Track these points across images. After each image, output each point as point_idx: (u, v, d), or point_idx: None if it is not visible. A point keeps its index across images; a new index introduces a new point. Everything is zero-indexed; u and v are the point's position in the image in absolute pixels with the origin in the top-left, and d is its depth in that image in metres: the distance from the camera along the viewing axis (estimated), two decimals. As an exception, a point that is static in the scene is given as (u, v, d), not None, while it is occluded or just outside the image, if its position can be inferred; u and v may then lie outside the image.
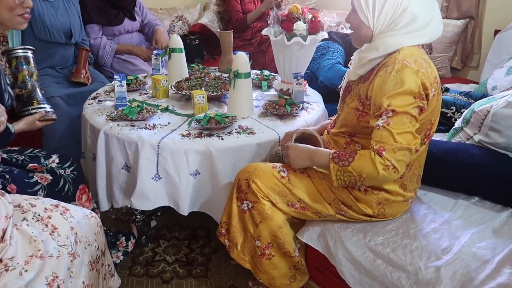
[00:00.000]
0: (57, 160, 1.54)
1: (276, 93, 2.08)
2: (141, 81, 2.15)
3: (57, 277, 1.13)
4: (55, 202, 1.29)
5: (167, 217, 2.08)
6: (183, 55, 2.15)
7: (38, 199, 1.28)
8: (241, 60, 1.75)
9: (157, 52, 2.27)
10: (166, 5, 3.46)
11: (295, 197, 1.44)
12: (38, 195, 1.43)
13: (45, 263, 1.12)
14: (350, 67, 1.45)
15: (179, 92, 1.94)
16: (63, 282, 1.14)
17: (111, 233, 1.73)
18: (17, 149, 1.52)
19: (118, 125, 1.71)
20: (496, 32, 2.73)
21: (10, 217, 1.12)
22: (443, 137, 1.79)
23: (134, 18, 2.84)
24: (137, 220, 1.87)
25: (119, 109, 1.78)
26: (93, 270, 1.30)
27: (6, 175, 1.35)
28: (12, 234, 1.10)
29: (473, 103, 1.81)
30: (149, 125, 1.71)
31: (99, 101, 1.97)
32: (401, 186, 1.40)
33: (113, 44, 2.74)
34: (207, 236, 2.03)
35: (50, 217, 1.20)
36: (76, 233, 1.23)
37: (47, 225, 1.18)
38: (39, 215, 1.19)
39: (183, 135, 1.64)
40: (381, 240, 1.35)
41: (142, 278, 1.80)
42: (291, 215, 1.48)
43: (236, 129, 1.69)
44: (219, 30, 3.40)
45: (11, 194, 1.30)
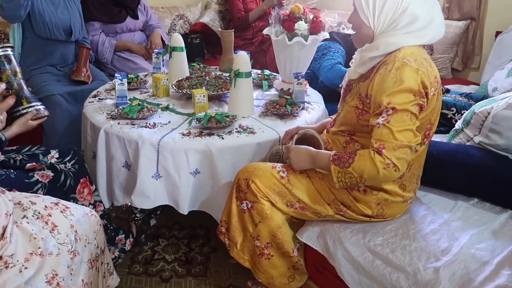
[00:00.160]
0: (57, 155, 1.52)
1: (276, 92, 2.08)
2: (141, 79, 2.15)
3: (56, 274, 1.13)
4: (55, 200, 1.29)
5: (167, 216, 2.08)
6: (184, 54, 2.15)
7: (38, 196, 1.28)
8: (242, 59, 1.75)
9: (158, 50, 2.27)
10: (167, 3, 3.46)
11: (295, 197, 1.44)
12: (35, 187, 1.43)
13: (44, 261, 1.12)
14: (351, 66, 1.45)
15: (180, 91, 1.94)
16: (63, 279, 1.15)
17: (111, 227, 1.72)
18: (15, 148, 1.50)
19: (118, 123, 1.71)
20: (497, 33, 2.73)
21: (10, 215, 1.12)
22: (443, 138, 1.80)
23: (136, 16, 2.84)
24: (136, 218, 1.87)
25: (120, 107, 1.78)
26: (92, 268, 1.30)
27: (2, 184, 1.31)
28: (12, 231, 1.10)
29: (474, 104, 1.81)
30: (150, 124, 1.71)
31: (99, 99, 1.97)
32: (401, 186, 1.40)
33: (112, 40, 2.74)
34: (206, 235, 2.03)
35: (50, 215, 1.20)
36: (76, 231, 1.23)
37: (47, 223, 1.18)
38: (39, 213, 1.19)
39: (184, 134, 1.64)
40: (381, 240, 1.35)
41: (141, 276, 1.80)
42: (291, 215, 1.48)
43: (236, 129, 1.69)
44: (220, 29, 3.40)
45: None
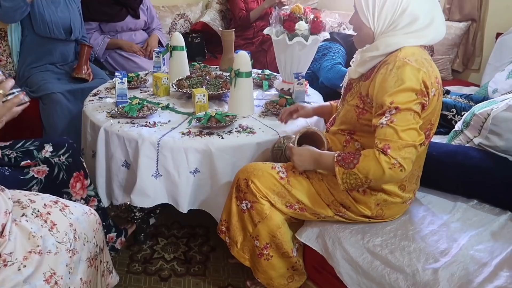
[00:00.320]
0: (51, 148, 1.50)
1: (277, 92, 2.08)
2: (142, 78, 2.15)
3: (55, 273, 1.13)
4: (55, 198, 1.29)
5: (166, 215, 2.08)
6: (185, 53, 2.15)
7: (37, 195, 1.28)
8: (243, 59, 1.75)
9: (158, 49, 2.27)
10: (168, 2, 3.46)
11: (294, 198, 1.44)
12: (32, 190, 1.42)
13: (43, 259, 1.12)
14: (351, 65, 1.45)
15: (180, 90, 1.94)
16: (61, 278, 1.14)
17: (103, 224, 1.68)
18: (8, 144, 1.48)
19: (118, 122, 1.71)
20: (498, 35, 2.73)
21: (9, 213, 1.12)
22: (443, 140, 1.79)
23: (138, 16, 2.85)
24: (136, 217, 1.87)
25: (120, 106, 1.78)
26: (91, 266, 1.30)
27: None
28: (11, 229, 1.10)
29: (474, 105, 1.81)
30: (150, 123, 1.71)
31: (99, 98, 1.97)
32: (400, 187, 1.40)
33: (106, 38, 2.75)
34: (205, 234, 2.03)
35: (49, 213, 1.20)
36: (75, 230, 1.23)
37: (46, 221, 1.18)
38: (39, 211, 1.19)
39: (183, 133, 1.64)
40: (380, 241, 1.35)
41: (140, 275, 1.80)
42: (290, 215, 1.48)
43: (236, 128, 1.69)
44: (221, 28, 3.40)
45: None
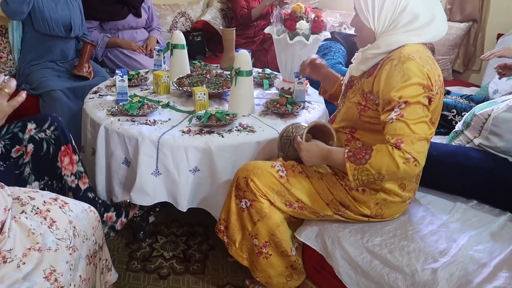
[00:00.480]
0: (34, 125, 1.47)
1: (277, 91, 2.08)
2: (142, 76, 2.15)
3: (54, 270, 1.13)
4: (54, 195, 1.29)
5: (166, 213, 2.08)
6: (185, 51, 2.15)
7: (37, 192, 1.28)
8: (243, 58, 1.75)
9: (159, 48, 2.27)
10: (169, 1, 3.46)
11: (293, 197, 1.44)
12: (25, 173, 1.41)
13: (43, 256, 1.12)
14: (353, 62, 1.45)
15: (180, 88, 1.94)
16: (61, 275, 1.15)
17: (100, 201, 1.64)
18: None
19: (118, 120, 1.71)
20: (499, 36, 2.73)
21: (9, 210, 1.12)
22: (443, 140, 1.79)
23: (139, 15, 2.84)
24: (135, 215, 1.87)
25: (120, 104, 1.78)
26: (90, 264, 1.30)
27: None
28: (10, 226, 1.10)
29: (474, 106, 1.81)
30: (150, 121, 1.71)
31: (100, 95, 1.97)
32: (400, 185, 1.40)
33: (105, 37, 2.75)
34: (205, 233, 2.03)
35: (49, 210, 1.20)
36: (74, 227, 1.23)
37: (45, 218, 1.18)
38: (38, 208, 1.19)
39: (184, 132, 1.64)
40: (379, 241, 1.35)
41: (139, 273, 1.80)
42: (289, 214, 1.48)
43: (236, 127, 1.69)
44: (221, 27, 3.40)
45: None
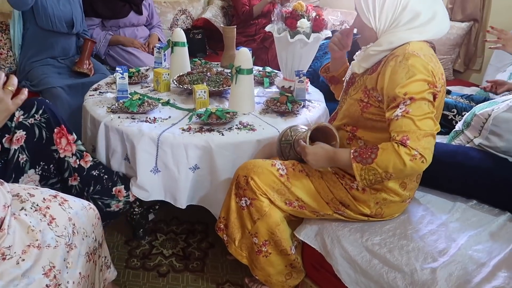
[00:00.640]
0: (21, 112, 1.45)
1: (277, 90, 2.08)
2: (143, 74, 2.15)
3: (53, 267, 1.13)
4: (54, 192, 1.29)
5: (165, 210, 2.08)
6: (186, 49, 2.14)
7: (37, 189, 1.28)
8: (244, 56, 1.74)
9: (159, 45, 2.27)
10: (170, -2, 3.45)
11: (293, 195, 1.44)
12: (20, 160, 1.40)
13: (42, 253, 1.12)
14: (354, 59, 1.45)
15: (181, 86, 1.94)
16: (60, 272, 1.15)
17: (105, 177, 1.61)
18: None
19: (118, 117, 1.71)
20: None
21: (8, 206, 1.12)
22: (443, 140, 1.79)
23: (140, 12, 2.84)
24: (135, 212, 1.87)
25: (120, 101, 1.78)
26: (89, 261, 1.30)
27: None
28: (10, 223, 1.10)
29: (475, 106, 1.81)
30: (150, 118, 1.70)
31: (100, 92, 1.97)
32: (401, 184, 1.39)
33: (108, 35, 2.74)
34: (204, 230, 2.04)
35: (48, 207, 1.20)
36: (74, 224, 1.23)
37: (45, 215, 1.18)
38: (38, 205, 1.19)
39: (184, 130, 1.64)
40: (378, 240, 1.35)
41: (138, 270, 1.80)
42: (289, 213, 1.48)
43: (236, 125, 1.69)
44: (222, 25, 3.39)
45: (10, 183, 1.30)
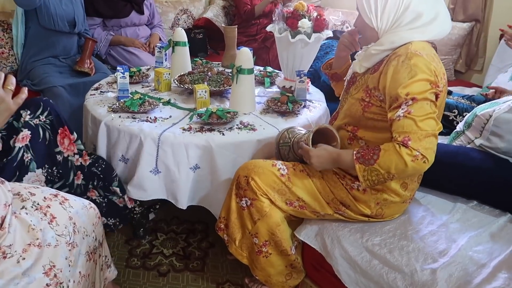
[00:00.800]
0: (28, 112, 1.47)
1: (278, 90, 2.08)
2: (143, 73, 2.15)
3: (54, 266, 1.14)
4: (54, 191, 1.29)
5: (166, 210, 2.08)
6: (187, 49, 2.14)
7: (37, 188, 1.28)
8: (245, 55, 1.74)
9: (160, 45, 2.27)
10: (171, -2, 3.45)
11: (294, 195, 1.44)
12: (25, 159, 1.42)
13: (42, 252, 1.12)
14: (355, 58, 1.45)
15: (182, 85, 1.94)
16: (60, 271, 1.15)
17: (102, 175, 1.63)
18: None
19: (119, 116, 1.71)
20: (501, 36, 2.71)
21: (9, 205, 1.12)
22: (444, 140, 1.79)
23: (142, 11, 2.85)
24: (135, 212, 1.87)
25: (121, 100, 1.78)
26: (90, 260, 1.30)
27: None
28: (11, 222, 1.10)
29: (476, 106, 1.81)
30: (151, 118, 1.71)
31: (101, 92, 1.97)
32: (402, 184, 1.39)
33: (109, 35, 2.75)
34: (204, 230, 2.04)
35: (49, 206, 1.20)
36: (74, 223, 1.23)
37: (46, 214, 1.18)
38: (38, 204, 1.19)
39: (184, 129, 1.64)
40: (378, 240, 1.35)
41: (138, 270, 1.80)
42: (289, 213, 1.48)
43: (237, 125, 1.69)
44: (223, 25, 3.39)
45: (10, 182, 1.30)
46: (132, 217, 1.90)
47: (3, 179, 1.19)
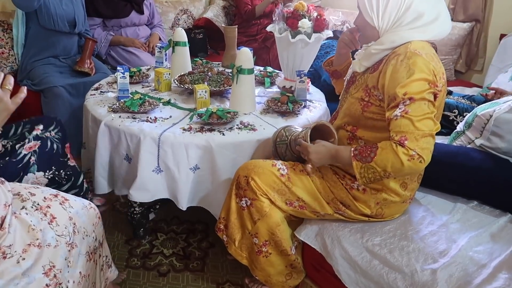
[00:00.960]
0: (41, 127, 1.52)
1: (278, 90, 2.08)
2: (144, 73, 2.15)
3: (54, 266, 1.13)
4: (55, 191, 1.29)
5: (166, 210, 2.08)
6: (187, 49, 2.14)
7: (37, 188, 1.28)
8: (245, 56, 1.74)
9: (161, 44, 2.27)
10: (171, -2, 3.45)
11: (294, 195, 1.44)
12: (30, 162, 1.43)
13: (42, 252, 1.12)
14: (355, 58, 1.45)
15: (182, 86, 1.94)
16: (60, 271, 1.15)
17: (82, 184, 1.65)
18: (0, 132, 1.47)
19: (119, 116, 1.71)
20: (501, 36, 2.72)
21: (9, 205, 1.12)
22: (444, 140, 1.79)
23: (142, 11, 2.85)
24: (135, 212, 1.87)
25: (121, 100, 1.78)
26: (90, 260, 1.30)
27: None
28: (11, 222, 1.10)
29: (476, 107, 1.81)
30: (151, 118, 1.71)
31: (101, 92, 1.97)
32: (402, 184, 1.39)
33: (109, 36, 2.75)
34: (205, 230, 2.04)
35: (49, 207, 1.20)
36: (74, 223, 1.23)
37: (46, 214, 1.18)
38: (38, 204, 1.19)
39: (184, 129, 1.64)
40: (379, 240, 1.35)
41: (138, 270, 1.80)
42: (289, 213, 1.48)
43: (237, 125, 1.69)
44: (223, 25, 3.39)
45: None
46: (132, 217, 1.90)
47: (3, 179, 1.19)
